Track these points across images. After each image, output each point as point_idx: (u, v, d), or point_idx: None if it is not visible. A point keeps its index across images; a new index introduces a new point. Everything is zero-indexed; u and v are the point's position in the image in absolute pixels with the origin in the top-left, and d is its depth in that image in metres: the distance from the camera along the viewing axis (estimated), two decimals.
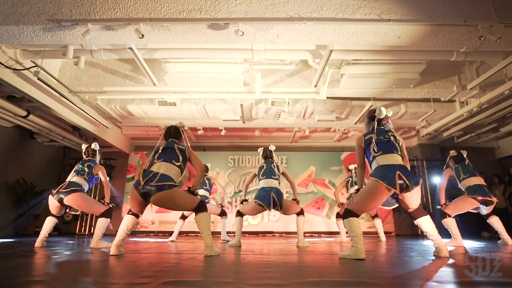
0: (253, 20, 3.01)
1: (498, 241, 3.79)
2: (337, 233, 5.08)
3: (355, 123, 6.21)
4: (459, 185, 3.90)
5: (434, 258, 2.30)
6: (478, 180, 3.75)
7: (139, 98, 5.42)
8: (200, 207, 2.60)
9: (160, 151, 2.74)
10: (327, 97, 5.01)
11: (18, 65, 4.02)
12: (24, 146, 6.53)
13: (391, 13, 2.98)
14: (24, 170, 6.39)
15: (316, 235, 6.83)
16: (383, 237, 4.83)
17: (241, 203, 3.94)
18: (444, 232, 3.17)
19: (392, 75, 4.52)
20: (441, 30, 3.11)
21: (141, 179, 2.47)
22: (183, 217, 4.95)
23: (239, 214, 3.81)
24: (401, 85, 4.71)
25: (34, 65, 4.04)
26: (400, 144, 2.55)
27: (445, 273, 1.69)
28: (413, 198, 2.38)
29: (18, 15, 2.95)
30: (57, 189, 3.47)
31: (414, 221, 2.44)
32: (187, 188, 2.67)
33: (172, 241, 4.67)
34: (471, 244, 3.77)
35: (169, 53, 4.12)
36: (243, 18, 2.99)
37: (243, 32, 2.99)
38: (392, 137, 2.53)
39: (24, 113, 5.07)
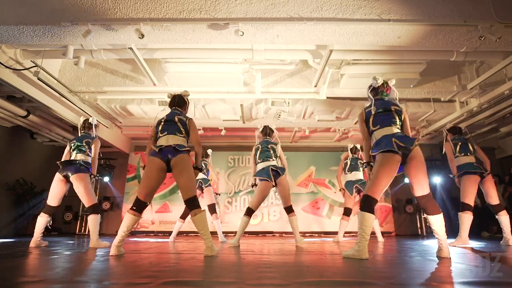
0: (253, 20, 3.01)
1: (501, 242, 3.74)
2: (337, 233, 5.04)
3: (355, 123, 6.21)
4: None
5: (435, 258, 2.30)
6: (469, 159, 3.79)
7: (139, 98, 5.42)
8: (194, 201, 2.58)
9: (162, 123, 2.77)
10: (327, 97, 5.01)
11: (18, 65, 4.02)
12: (24, 146, 6.53)
13: (391, 13, 2.98)
14: (24, 170, 6.39)
15: (316, 235, 6.83)
16: (380, 237, 4.82)
17: (252, 187, 3.93)
18: (448, 232, 3.16)
19: (392, 75, 4.51)
20: (441, 30, 3.11)
21: (156, 149, 2.55)
22: (183, 217, 4.96)
23: (248, 213, 3.70)
24: (401, 85, 4.70)
25: (34, 65, 4.05)
26: (402, 117, 2.51)
27: (446, 273, 1.69)
28: (416, 169, 2.32)
29: (18, 15, 2.95)
30: (64, 164, 3.48)
31: (426, 216, 2.34)
32: (193, 166, 2.73)
33: (171, 241, 4.67)
34: (471, 244, 3.76)
35: (169, 53, 4.12)
36: (243, 18, 2.99)
37: (243, 32, 2.99)
38: (393, 109, 2.49)
39: (24, 113, 5.07)
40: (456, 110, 5.46)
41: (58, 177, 3.54)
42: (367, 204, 2.31)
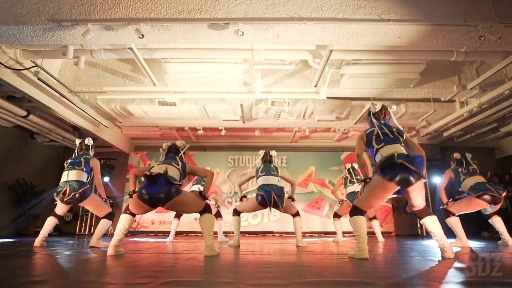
0: (253, 20, 3.01)
1: (498, 242, 3.76)
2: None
3: (355, 123, 6.21)
4: (460, 187, 3.84)
5: (435, 258, 2.29)
6: (477, 179, 3.69)
7: (139, 98, 5.42)
8: (206, 209, 2.69)
9: (161, 160, 2.87)
10: (327, 97, 5.01)
11: (18, 65, 4.02)
12: (24, 146, 6.53)
13: (391, 13, 2.98)
14: (24, 170, 6.38)
15: (316, 235, 6.83)
16: (380, 237, 4.81)
17: (241, 200, 3.92)
18: (448, 232, 3.15)
19: (392, 75, 4.52)
20: (441, 30, 3.11)
21: (149, 185, 2.48)
22: (178, 216, 4.95)
23: (236, 213, 3.79)
24: (401, 85, 4.70)
25: (34, 65, 4.04)
26: (405, 137, 2.51)
27: (446, 273, 1.69)
28: (415, 193, 2.35)
29: (18, 15, 2.95)
30: (64, 194, 3.42)
31: (420, 221, 2.41)
32: (198, 193, 2.76)
33: (170, 241, 4.67)
34: (471, 244, 3.76)
35: (169, 53, 4.12)
36: (243, 18, 2.99)
37: (243, 32, 2.99)
38: (395, 131, 2.51)
39: (24, 113, 5.07)
40: (456, 110, 5.45)
41: (61, 205, 3.53)
42: (355, 211, 2.43)
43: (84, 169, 3.59)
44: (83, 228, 7.21)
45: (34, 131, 6.22)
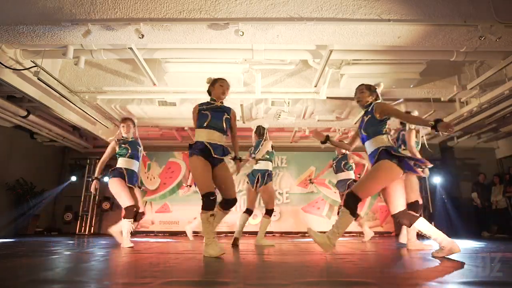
0: (253, 20, 3.01)
1: None
2: None
3: (355, 123, 6.20)
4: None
5: (436, 258, 2.29)
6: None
7: (139, 98, 5.42)
8: (204, 202, 2.40)
9: (211, 108, 2.82)
10: (327, 97, 5.01)
11: (18, 65, 4.02)
12: (24, 146, 6.53)
13: (391, 13, 2.98)
14: (24, 170, 6.38)
15: None
16: (367, 236, 4.68)
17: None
18: (448, 230, 3.14)
19: (392, 75, 4.52)
20: (441, 30, 3.11)
21: (211, 149, 2.61)
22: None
23: (247, 211, 3.89)
24: (401, 85, 4.70)
25: (34, 65, 4.04)
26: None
27: (446, 273, 1.69)
28: (392, 186, 2.18)
29: (18, 15, 2.95)
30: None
31: (409, 229, 2.22)
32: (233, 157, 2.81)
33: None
34: (471, 244, 3.76)
35: (169, 53, 4.12)
36: (243, 18, 2.99)
37: (243, 32, 3.00)
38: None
39: (24, 113, 5.07)
40: (456, 110, 5.45)
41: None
42: (351, 203, 2.18)
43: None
44: (83, 228, 7.21)
45: (34, 131, 6.22)
